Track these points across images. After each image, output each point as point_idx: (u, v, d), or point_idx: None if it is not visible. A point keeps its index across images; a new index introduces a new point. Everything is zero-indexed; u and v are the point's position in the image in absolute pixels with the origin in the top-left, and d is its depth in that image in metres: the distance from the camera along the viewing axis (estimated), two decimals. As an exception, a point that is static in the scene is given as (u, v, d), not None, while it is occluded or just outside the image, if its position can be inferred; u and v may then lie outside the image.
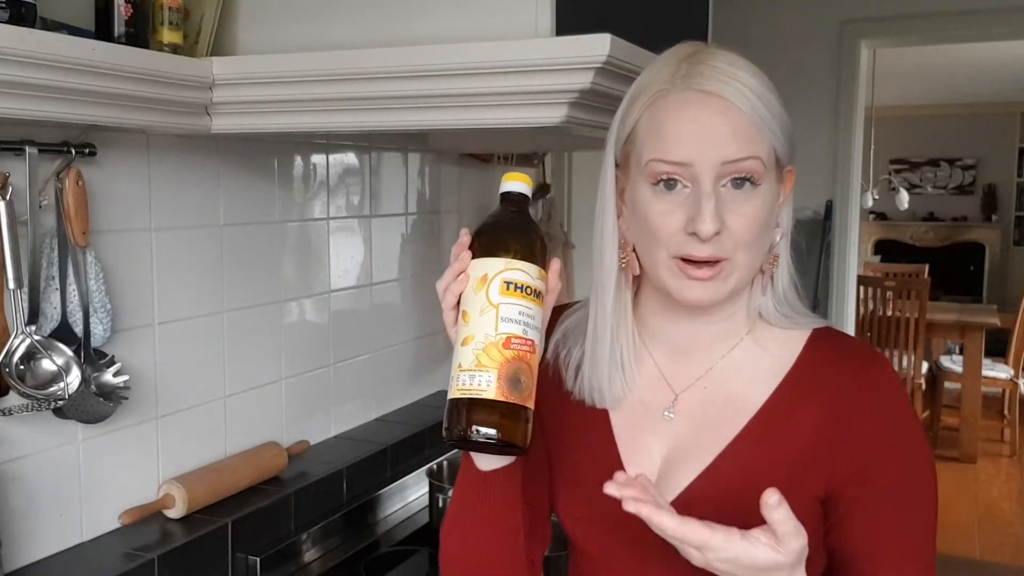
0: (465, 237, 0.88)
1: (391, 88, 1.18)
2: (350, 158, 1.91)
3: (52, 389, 1.24)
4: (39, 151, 1.21)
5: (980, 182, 9.10)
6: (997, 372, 5.56)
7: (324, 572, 1.59)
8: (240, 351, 1.64)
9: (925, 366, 5.58)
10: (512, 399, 0.83)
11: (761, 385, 0.94)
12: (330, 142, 1.84)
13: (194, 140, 1.48)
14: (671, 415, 0.97)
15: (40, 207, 1.23)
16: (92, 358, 1.30)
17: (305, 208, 1.79)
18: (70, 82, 1.06)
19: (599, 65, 1.06)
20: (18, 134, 1.20)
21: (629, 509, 0.78)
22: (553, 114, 1.13)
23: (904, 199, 6.10)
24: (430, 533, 1.74)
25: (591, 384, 0.98)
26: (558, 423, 1.02)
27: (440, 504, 1.73)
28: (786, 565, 0.79)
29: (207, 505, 1.50)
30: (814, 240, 4.09)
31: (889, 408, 0.92)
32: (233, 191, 1.60)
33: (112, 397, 1.33)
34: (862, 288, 5.29)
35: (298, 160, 1.77)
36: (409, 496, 1.88)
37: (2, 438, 1.24)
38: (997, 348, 5.81)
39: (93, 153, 1.28)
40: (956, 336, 5.67)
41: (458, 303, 0.87)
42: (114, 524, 1.41)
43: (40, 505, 1.30)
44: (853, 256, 4.23)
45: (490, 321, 0.84)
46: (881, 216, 9.23)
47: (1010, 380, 5.56)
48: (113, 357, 1.34)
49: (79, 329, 1.28)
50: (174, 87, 1.20)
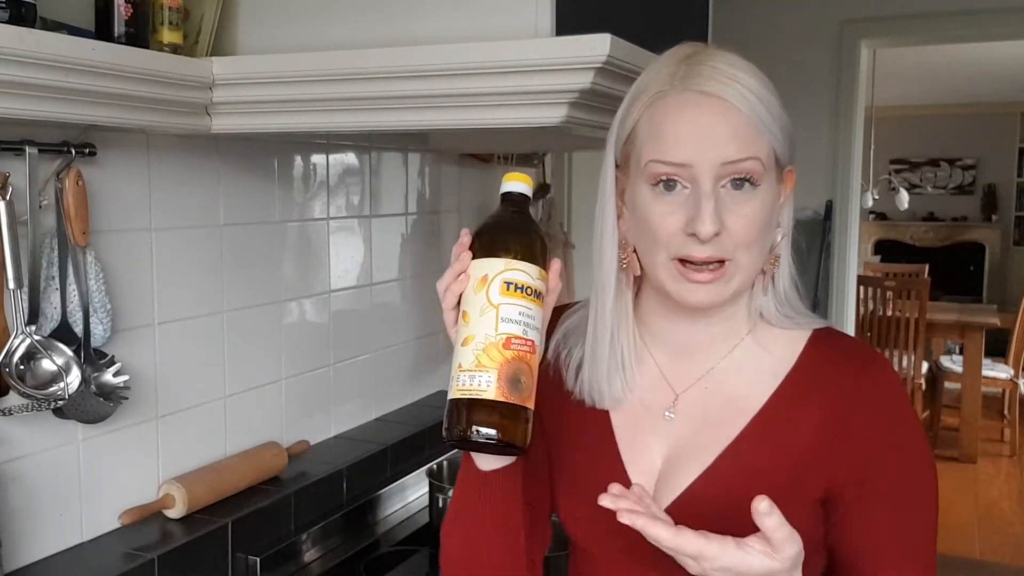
0: (466, 237, 0.88)
1: (391, 88, 1.17)
2: (350, 158, 1.91)
3: (52, 389, 1.24)
4: (39, 151, 1.21)
5: (980, 182, 9.10)
6: (997, 372, 5.56)
7: (324, 572, 1.59)
8: (240, 351, 1.64)
9: (925, 366, 5.58)
10: (512, 399, 0.83)
11: (762, 385, 0.94)
12: (330, 142, 1.84)
13: (194, 140, 1.48)
14: (672, 415, 0.97)
15: (40, 207, 1.23)
16: (92, 358, 1.30)
17: (305, 208, 1.79)
18: (70, 82, 1.06)
19: (599, 65, 1.06)
20: (18, 134, 1.20)
21: (624, 521, 0.79)
22: (553, 114, 1.13)
23: (904, 199, 6.10)
24: (430, 533, 1.74)
25: (591, 384, 0.98)
26: (558, 423, 1.02)
27: (440, 504, 1.73)
28: (781, 571, 0.79)
29: (207, 505, 1.50)
30: (814, 240, 4.09)
31: (889, 408, 0.92)
32: (233, 191, 1.60)
33: (112, 397, 1.33)
34: (862, 288, 5.29)
35: (298, 160, 1.77)
36: (409, 496, 1.88)
37: (2, 438, 1.24)
38: (997, 348, 5.81)
39: (93, 153, 1.28)
40: (956, 336, 5.67)
41: (458, 303, 0.88)
42: (114, 524, 1.41)
43: (40, 505, 1.30)
44: (853, 256, 4.23)
45: (490, 321, 0.84)
46: (881, 216, 9.23)
47: (1010, 380, 5.56)
48: (113, 357, 1.34)
49: (79, 329, 1.28)
50: (174, 87, 1.20)
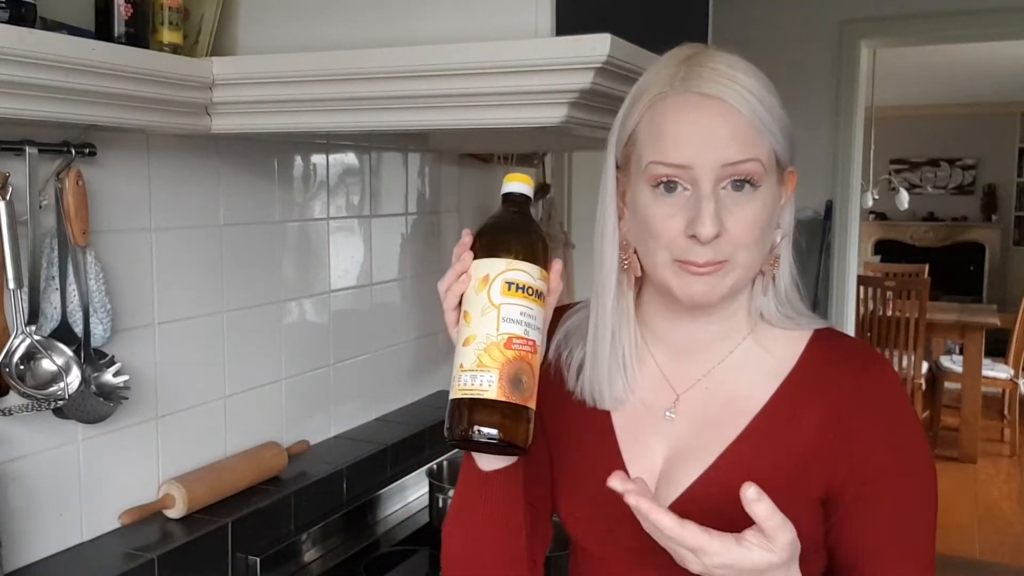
0: (467, 238, 0.89)
1: (391, 88, 1.17)
2: (350, 158, 1.91)
3: (52, 389, 1.24)
4: (39, 151, 1.21)
5: (980, 182, 9.10)
6: (997, 372, 5.56)
7: (324, 572, 1.59)
8: (240, 351, 1.64)
9: (925, 366, 5.58)
10: (514, 399, 0.83)
11: (762, 385, 0.94)
12: (330, 142, 1.84)
13: (194, 140, 1.48)
14: (672, 415, 0.97)
15: (40, 207, 1.23)
16: (92, 358, 1.30)
17: (305, 208, 1.79)
18: (70, 82, 1.06)
19: (599, 65, 1.06)
20: (18, 134, 1.20)
21: (629, 501, 0.79)
22: (553, 114, 1.13)
23: (904, 199, 6.10)
24: (430, 533, 1.74)
25: (592, 385, 0.98)
26: (559, 423, 1.02)
27: (440, 504, 1.73)
28: (781, 564, 0.79)
29: (207, 505, 1.50)
30: (814, 240, 4.09)
31: (889, 408, 0.92)
32: (233, 191, 1.60)
33: (112, 397, 1.33)
34: (862, 288, 5.29)
35: (298, 160, 1.77)
36: (409, 496, 1.88)
37: (2, 438, 1.24)
38: (997, 348, 5.81)
39: (93, 153, 1.28)
40: (956, 336, 5.67)
41: (460, 303, 0.88)
42: (114, 524, 1.41)
43: (40, 505, 1.30)
44: (853, 256, 4.23)
45: (492, 321, 0.84)
46: (881, 216, 9.23)
47: (1010, 380, 5.56)
48: (113, 357, 1.34)
49: (79, 329, 1.28)
50: (174, 87, 1.20)
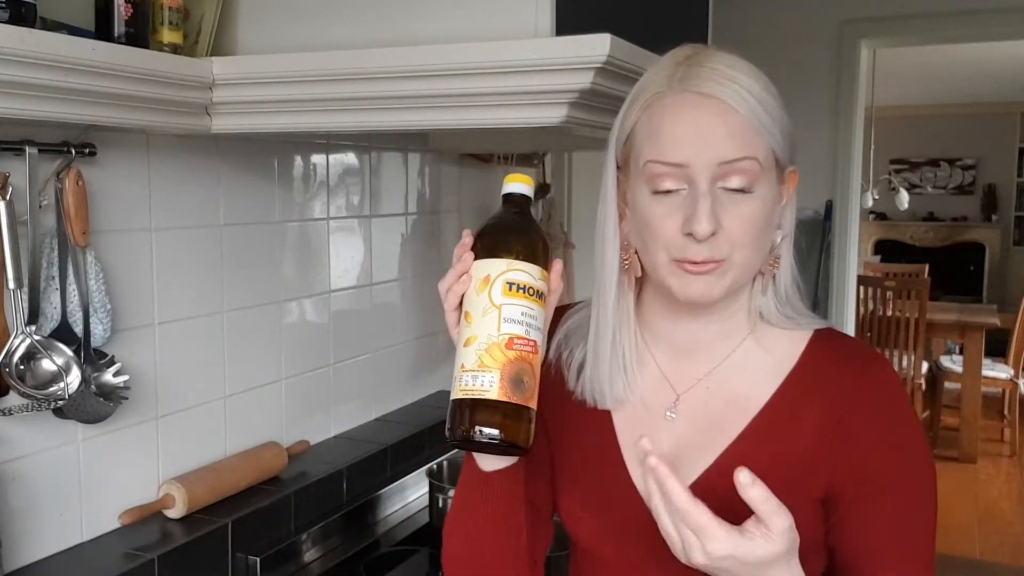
0: (468, 238, 0.89)
1: (391, 88, 1.17)
2: (350, 158, 1.91)
3: (52, 389, 1.24)
4: (39, 151, 1.21)
5: (980, 182, 9.10)
6: (997, 372, 5.56)
7: (324, 572, 1.59)
8: (240, 351, 1.64)
9: (925, 366, 5.58)
10: (515, 399, 0.83)
11: (763, 385, 0.94)
12: (330, 142, 1.84)
13: (194, 140, 1.48)
14: (673, 415, 0.97)
15: (40, 207, 1.23)
16: (92, 358, 1.30)
17: (305, 208, 1.79)
18: (70, 82, 1.06)
19: (599, 65, 1.06)
20: (18, 134, 1.20)
21: (650, 463, 0.81)
22: (553, 114, 1.13)
23: (904, 199, 6.10)
24: (430, 533, 1.74)
25: (593, 385, 0.98)
26: (560, 423, 1.02)
27: (440, 504, 1.73)
28: (781, 554, 0.79)
29: (207, 505, 1.50)
30: (814, 240, 4.09)
31: (889, 408, 0.92)
32: (233, 191, 1.60)
33: (112, 397, 1.33)
34: (862, 288, 5.29)
35: (298, 160, 1.77)
36: (409, 496, 1.88)
37: (2, 438, 1.24)
38: (997, 348, 5.81)
39: (93, 153, 1.28)
40: (956, 336, 5.67)
41: (461, 304, 0.88)
42: (114, 524, 1.41)
43: (40, 505, 1.30)
44: (853, 256, 4.23)
45: (492, 322, 0.84)
46: (881, 216, 9.23)
47: (1010, 380, 5.56)
48: (113, 357, 1.34)
49: (79, 329, 1.28)
50: (174, 87, 1.20)
